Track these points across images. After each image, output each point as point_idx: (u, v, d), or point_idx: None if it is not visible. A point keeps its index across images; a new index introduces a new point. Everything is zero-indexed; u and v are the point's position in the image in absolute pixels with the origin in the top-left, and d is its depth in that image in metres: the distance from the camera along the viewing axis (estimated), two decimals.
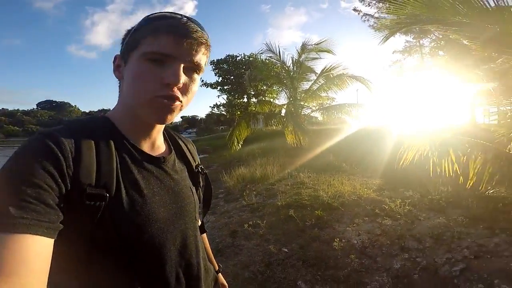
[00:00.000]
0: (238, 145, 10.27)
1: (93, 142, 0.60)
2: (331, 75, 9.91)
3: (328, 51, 9.96)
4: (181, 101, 0.64)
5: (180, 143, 0.87)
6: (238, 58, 29.71)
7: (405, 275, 2.78)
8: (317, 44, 10.10)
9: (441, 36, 4.85)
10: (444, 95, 5.93)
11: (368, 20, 20.31)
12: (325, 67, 10.10)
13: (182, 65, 0.62)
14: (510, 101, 4.48)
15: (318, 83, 10.38)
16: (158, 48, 0.60)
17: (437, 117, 6.76)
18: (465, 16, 3.70)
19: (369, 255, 3.23)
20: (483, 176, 4.03)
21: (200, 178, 0.87)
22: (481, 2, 3.68)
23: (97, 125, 0.66)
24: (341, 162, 7.96)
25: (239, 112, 28.06)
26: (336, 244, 3.43)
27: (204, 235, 1.00)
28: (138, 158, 0.68)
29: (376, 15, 19.94)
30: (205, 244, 0.99)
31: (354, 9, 20.74)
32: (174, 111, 0.65)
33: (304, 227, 4.10)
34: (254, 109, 14.80)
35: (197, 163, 0.89)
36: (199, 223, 0.87)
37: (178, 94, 0.63)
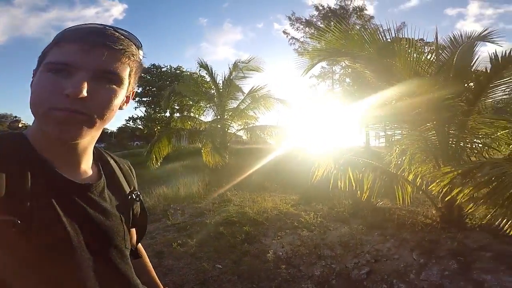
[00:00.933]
0: (157, 163, 9.69)
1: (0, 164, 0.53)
2: (256, 96, 10.61)
3: (257, 69, 10.65)
4: (88, 115, 0.56)
5: (113, 165, 0.79)
6: (163, 69, 28.58)
7: (325, 281, 3.20)
8: (246, 63, 10.70)
9: (349, 64, 5.95)
10: (347, 119, 6.98)
11: (294, 43, 22.64)
12: (252, 88, 10.76)
13: (87, 75, 0.55)
14: (390, 127, 5.75)
15: (245, 102, 10.93)
16: (59, 57, 0.56)
17: (341, 139, 8.03)
18: (368, 51, 4.68)
19: (293, 264, 3.59)
20: (374, 190, 4.99)
21: (134, 206, 0.79)
22: (381, 36, 4.70)
23: (8, 143, 0.58)
24: (263, 180, 8.50)
25: (159, 127, 26.64)
26: (269, 256, 3.69)
27: (146, 259, 0.96)
28: (58, 184, 0.59)
29: (302, 39, 22.31)
30: (145, 268, 0.94)
31: (284, 32, 22.85)
32: (79, 126, 0.56)
33: (235, 243, 4.23)
34: (176, 124, 14.34)
35: (131, 188, 0.81)
36: (130, 250, 0.79)
37: (80, 106, 0.54)
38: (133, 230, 0.86)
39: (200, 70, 13.53)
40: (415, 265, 3.44)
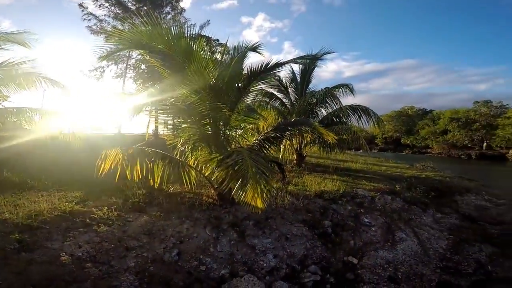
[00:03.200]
0: None
1: None
2: (14, 72, 7.61)
3: (23, 44, 7.63)
4: None
5: None
6: None
7: (143, 270, 3.29)
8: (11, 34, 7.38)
9: (148, 58, 5.92)
10: (138, 106, 6.83)
11: (90, 20, 19.02)
12: (7, 61, 7.56)
13: None
14: (178, 120, 6.31)
15: None
16: None
17: (131, 126, 7.78)
18: (173, 50, 4.98)
19: (101, 261, 3.33)
20: (165, 177, 5.45)
21: None
22: (186, 36, 5.12)
23: None
24: (24, 177, 6.42)
25: None
26: (65, 259, 3.10)
27: None
28: None
29: (103, 17, 18.98)
30: None
31: (81, 5, 18.92)
32: None
33: (5, 254, 3.10)
34: None
35: None
36: None
37: None
38: None
39: None
40: (211, 239, 4.38)
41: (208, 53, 5.62)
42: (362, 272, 4.36)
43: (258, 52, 6.11)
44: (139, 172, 5.22)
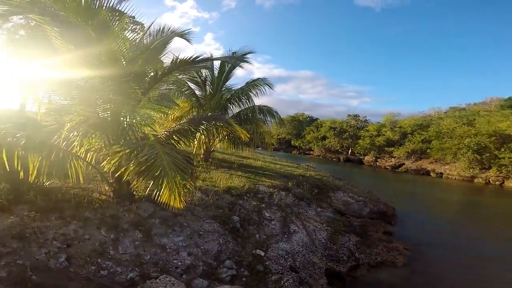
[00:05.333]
0: None
1: None
2: None
3: None
4: None
5: None
6: None
7: (24, 279, 2.56)
8: None
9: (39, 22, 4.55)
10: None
11: None
12: None
13: None
14: (67, 99, 5.16)
15: None
16: None
17: None
18: (84, 20, 4.03)
19: None
20: (42, 169, 4.35)
21: None
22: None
23: None
24: None
25: None
26: None
27: None
28: None
29: None
30: None
31: None
32: None
33: None
34: None
35: None
36: None
37: None
38: None
39: None
40: (108, 241, 3.82)
41: (128, 32, 4.88)
42: (269, 264, 4.77)
43: (187, 40, 5.74)
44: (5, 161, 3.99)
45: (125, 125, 5.19)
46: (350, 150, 49.78)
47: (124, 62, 4.72)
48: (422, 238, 8.40)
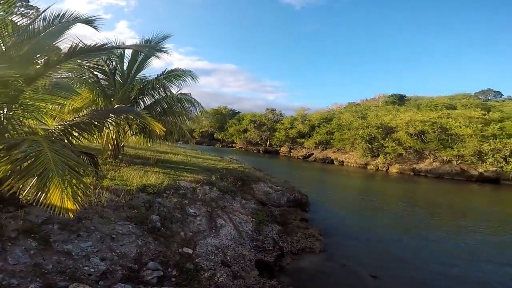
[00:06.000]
0: None
1: None
2: None
3: None
4: None
5: None
6: None
7: None
8: None
9: None
10: None
11: None
12: None
13: None
14: None
15: None
16: None
17: None
18: None
19: None
20: None
21: None
22: None
23: None
24: None
25: None
26: None
27: None
28: None
29: None
30: None
31: None
32: None
33: None
34: None
35: None
36: None
37: None
38: None
39: None
40: None
41: (17, 16, 4.08)
42: (200, 261, 4.58)
43: (94, 27, 4.95)
44: None
45: (1, 119, 4.15)
46: (268, 142, 52.72)
47: (3, 47, 4.09)
48: (332, 222, 9.46)
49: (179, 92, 10.42)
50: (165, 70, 10.12)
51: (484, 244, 8.42)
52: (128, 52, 9.67)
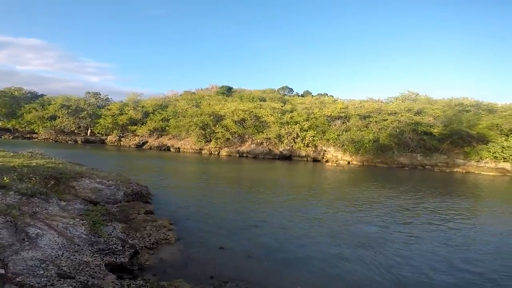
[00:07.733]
0: None
1: None
2: None
3: None
4: None
5: None
6: None
7: None
8: None
9: None
10: None
11: None
12: None
13: None
14: None
15: None
16: None
17: None
18: None
19: None
20: None
21: None
22: None
23: None
24: None
25: None
26: None
27: None
28: None
29: None
30: None
31: None
32: None
33: None
34: None
35: None
36: None
37: None
38: None
39: None
40: None
41: None
42: (23, 279, 3.29)
43: None
44: None
45: None
46: (89, 130, 44.28)
47: None
48: (178, 210, 9.31)
49: None
50: None
51: (280, 200, 11.34)
52: None
